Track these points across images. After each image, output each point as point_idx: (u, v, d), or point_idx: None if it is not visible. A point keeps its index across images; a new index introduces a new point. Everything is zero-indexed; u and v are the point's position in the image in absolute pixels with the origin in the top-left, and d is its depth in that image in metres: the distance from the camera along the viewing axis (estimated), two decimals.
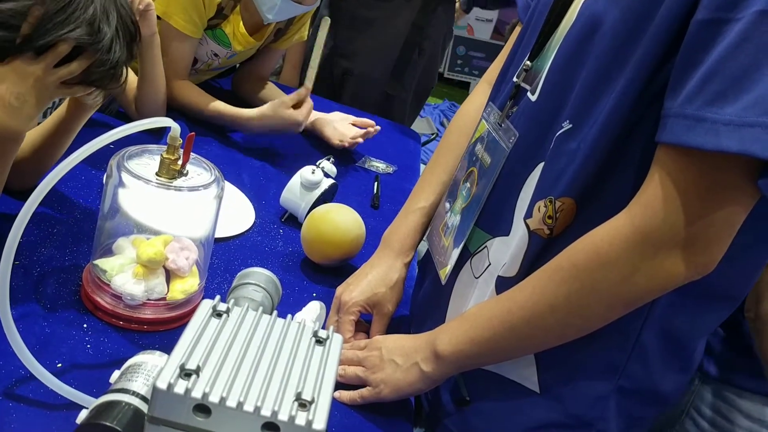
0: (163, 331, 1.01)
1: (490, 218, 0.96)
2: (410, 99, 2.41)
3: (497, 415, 0.95)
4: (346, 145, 1.79)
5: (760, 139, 0.66)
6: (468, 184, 1.02)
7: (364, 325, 1.13)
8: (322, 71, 2.36)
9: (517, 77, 0.96)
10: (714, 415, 1.12)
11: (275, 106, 1.62)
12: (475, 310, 0.92)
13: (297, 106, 1.62)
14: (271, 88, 1.95)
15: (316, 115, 1.81)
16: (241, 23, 1.68)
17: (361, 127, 1.84)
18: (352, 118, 1.87)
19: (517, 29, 1.11)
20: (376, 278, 1.11)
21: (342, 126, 1.83)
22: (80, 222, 1.19)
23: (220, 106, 1.67)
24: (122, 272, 0.99)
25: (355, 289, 1.11)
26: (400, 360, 0.95)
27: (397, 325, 1.18)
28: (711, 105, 0.69)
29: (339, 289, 1.13)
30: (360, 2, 2.25)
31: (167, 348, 0.75)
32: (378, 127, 1.86)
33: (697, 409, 1.13)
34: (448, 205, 1.08)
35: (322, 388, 0.64)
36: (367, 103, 2.27)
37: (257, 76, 1.95)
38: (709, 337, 1.11)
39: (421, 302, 1.15)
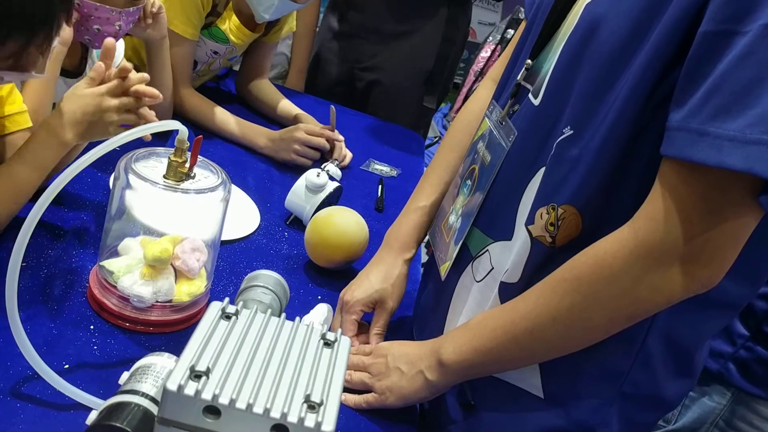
0: (168, 333, 1.01)
1: (491, 220, 0.96)
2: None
3: (501, 421, 0.95)
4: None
5: (764, 158, 0.66)
6: (469, 182, 1.03)
7: (366, 327, 1.13)
8: (338, 82, 2.36)
9: (519, 76, 0.96)
10: (745, 425, 1.13)
11: (290, 132, 1.66)
12: (480, 319, 0.92)
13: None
14: (272, 90, 1.96)
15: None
16: (234, 16, 1.70)
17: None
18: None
19: (522, 25, 1.11)
20: (378, 277, 1.12)
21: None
22: (87, 224, 1.19)
23: (231, 124, 1.69)
24: (129, 273, 0.99)
25: (357, 289, 1.12)
26: (405, 368, 0.96)
27: (401, 326, 1.18)
28: (714, 119, 0.69)
29: (342, 291, 1.14)
30: (382, 19, 2.23)
31: (173, 349, 0.75)
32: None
33: (727, 421, 1.14)
34: (450, 202, 1.09)
35: (331, 390, 0.64)
36: (400, 115, 2.26)
37: (256, 73, 1.96)
38: (744, 353, 1.12)
39: (423, 304, 1.15)
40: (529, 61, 0.94)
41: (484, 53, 3.09)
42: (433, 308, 1.07)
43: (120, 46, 1.46)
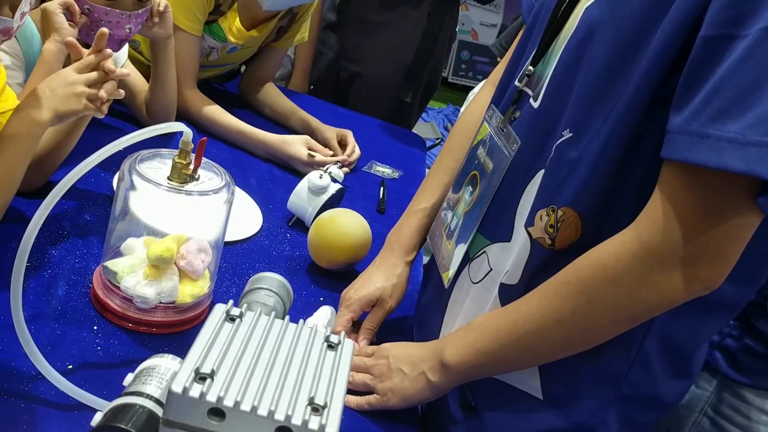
0: (171, 334, 1.02)
1: (490, 223, 0.96)
2: (417, 102, 2.42)
3: (501, 421, 0.95)
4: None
5: (764, 159, 0.67)
6: (470, 188, 1.03)
7: None
8: (327, 74, 2.36)
9: (519, 81, 0.96)
10: (732, 413, 1.14)
11: (298, 139, 1.66)
12: (482, 320, 0.92)
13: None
14: (276, 93, 1.96)
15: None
16: (238, 19, 1.70)
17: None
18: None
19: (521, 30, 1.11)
20: (379, 277, 1.13)
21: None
22: (91, 224, 1.19)
23: (241, 125, 1.69)
24: (132, 273, 0.99)
25: (361, 287, 1.13)
26: (407, 369, 0.96)
27: (401, 327, 1.19)
28: (714, 122, 0.69)
29: (344, 290, 1.15)
30: (368, 7, 2.25)
31: (176, 351, 0.75)
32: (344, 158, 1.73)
33: (715, 408, 1.15)
34: (450, 206, 1.09)
35: (335, 392, 0.64)
36: (378, 108, 2.26)
37: (260, 78, 1.96)
38: (730, 343, 1.13)
39: (423, 306, 1.16)
40: (530, 67, 0.94)
41: None
42: (432, 309, 1.08)
43: (123, 49, 1.47)
